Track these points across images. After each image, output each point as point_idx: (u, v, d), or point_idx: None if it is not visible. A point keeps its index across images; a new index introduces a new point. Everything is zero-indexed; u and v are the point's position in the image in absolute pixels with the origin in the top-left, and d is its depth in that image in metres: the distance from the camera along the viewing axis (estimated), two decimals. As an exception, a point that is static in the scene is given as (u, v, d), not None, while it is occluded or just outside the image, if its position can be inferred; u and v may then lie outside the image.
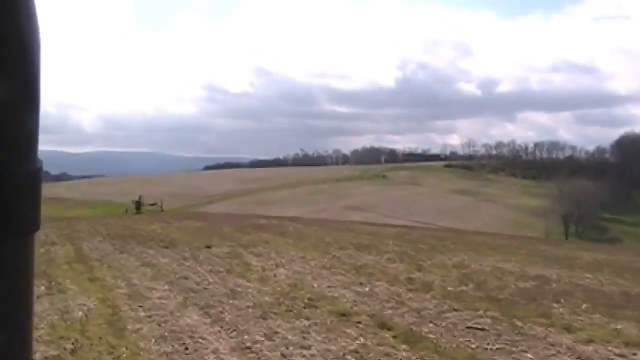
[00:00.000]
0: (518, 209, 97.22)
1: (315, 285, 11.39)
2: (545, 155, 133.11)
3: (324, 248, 17.04)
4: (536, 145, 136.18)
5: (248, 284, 11.38)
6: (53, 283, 11.75)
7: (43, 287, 11.48)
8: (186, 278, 11.96)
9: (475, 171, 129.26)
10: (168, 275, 12.41)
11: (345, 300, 10.12)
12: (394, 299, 10.23)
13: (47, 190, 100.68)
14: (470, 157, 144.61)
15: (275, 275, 12.37)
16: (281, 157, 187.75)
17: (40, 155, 0.66)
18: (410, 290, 11.09)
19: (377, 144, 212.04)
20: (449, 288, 11.35)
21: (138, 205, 52.87)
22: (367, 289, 11.11)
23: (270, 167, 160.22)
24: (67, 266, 14.08)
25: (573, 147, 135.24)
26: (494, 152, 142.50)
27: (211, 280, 11.75)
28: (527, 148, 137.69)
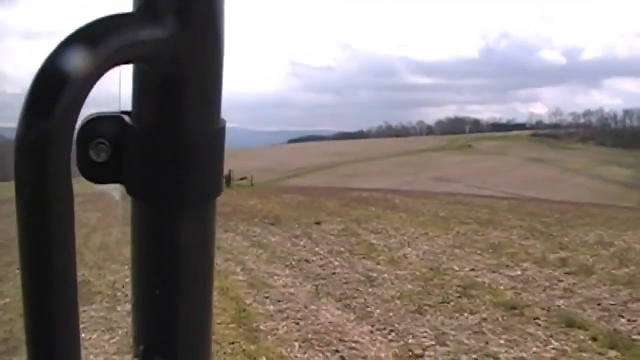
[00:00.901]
0: (608, 180, 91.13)
1: (457, 268, 9.63)
2: (636, 123, 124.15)
3: (444, 224, 15.22)
4: (626, 113, 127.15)
5: (380, 267, 9.77)
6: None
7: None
8: (307, 261, 10.47)
9: (563, 140, 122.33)
10: (286, 257, 10.97)
11: (502, 287, 8.33)
12: (557, 285, 8.34)
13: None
14: (557, 127, 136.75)
15: (406, 257, 10.70)
16: (364, 130, 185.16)
17: None
18: (567, 274, 9.14)
19: (460, 115, 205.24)
20: (613, 271, 9.30)
21: (228, 179, 52.48)
22: (518, 272, 9.27)
23: (354, 139, 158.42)
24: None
25: None
26: (582, 120, 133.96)
27: (336, 263, 10.22)
28: (616, 116, 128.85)
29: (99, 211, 18.51)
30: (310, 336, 6.21)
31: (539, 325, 6.72)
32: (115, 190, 0.59)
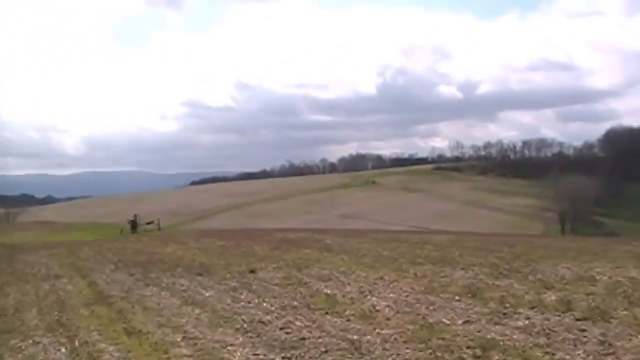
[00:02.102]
0: (512, 209, 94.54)
1: (447, 321, 8.01)
2: (533, 153, 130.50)
3: (393, 265, 13.72)
4: (524, 143, 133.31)
5: (355, 325, 8.00)
6: (76, 341, 8.29)
7: (64, 349, 8.02)
8: (262, 322, 8.54)
9: (465, 173, 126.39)
10: (232, 318, 8.98)
11: (523, 344, 6.66)
12: (585, 337, 6.85)
13: (34, 214, 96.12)
14: (457, 159, 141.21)
15: (376, 309, 8.99)
16: (268, 168, 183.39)
17: (24, 180, 0.42)
18: (582, 320, 7.59)
19: (361, 151, 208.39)
20: (621, 312, 7.93)
21: (134, 224, 48.98)
22: (525, 322, 7.68)
23: (258, 179, 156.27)
24: (87, 310, 10.60)
25: (561, 144, 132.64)
26: (482, 152, 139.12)
27: (298, 322, 8.35)
28: (515, 147, 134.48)
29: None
30: None
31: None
32: None
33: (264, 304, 9.94)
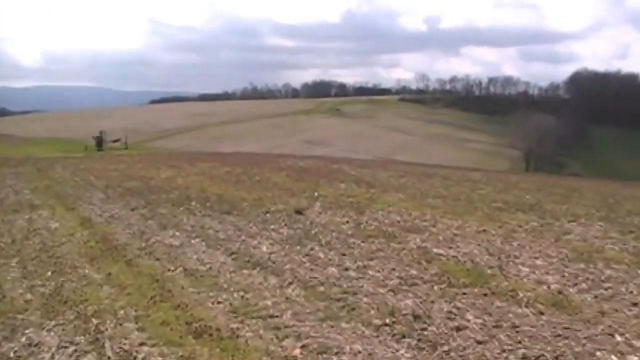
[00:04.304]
0: (476, 146, 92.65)
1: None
2: (499, 90, 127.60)
3: (477, 211, 10.48)
4: (490, 80, 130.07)
5: (576, 328, 4.68)
6: (106, 344, 4.71)
7: (83, 339, 4.48)
8: (355, 294, 5.25)
9: (429, 105, 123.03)
10: (339, 298, 5.63)
11: None
12: None
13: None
14: (422, 92, 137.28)
15: (561, 294, 5.71)
16: (229, 91, 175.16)
17: None
18: None
19: (323, 78, 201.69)
20: None
21: (99, 141, 44.15)
22: None
23: (219, 100, 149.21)
24: (97, 271, 6.93)
25: (527, 83, 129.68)
26: (447, 87, 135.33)
27: (471, 317, 4.98)
28: (481, 83, 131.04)
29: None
30: None
31: None
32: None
33: (370, 273, 6.49)
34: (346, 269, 6.66)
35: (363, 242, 7.98)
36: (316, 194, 12.26)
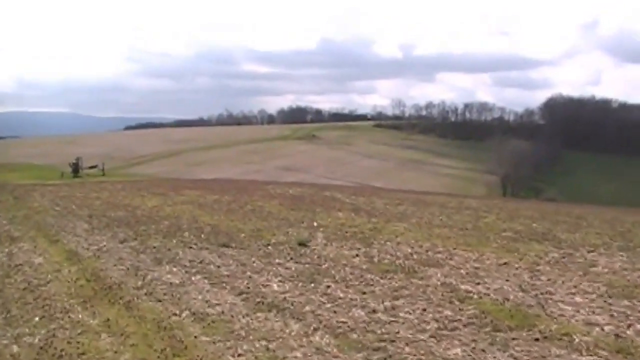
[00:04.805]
0: (452, 172, 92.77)
1: None
2: (474, 116, 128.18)
3: (490, 242, 9.90)
4: (466, 106, 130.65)
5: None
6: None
7: None
8: (392, 341, 4.57)
9: (405, 131, 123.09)
10: (360, 337, 4.85)
11: None
12: None
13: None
14: (398, 118, 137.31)
15: (621, 337, 5.08)
16: (205, 117, 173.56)
17: None
18: None
19: (299, 104, 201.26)
20: None
21: (76, 167, 42.67)
22: None
23: (194, 127, 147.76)
24: (93, 316, 6.08)
25: (502, 109, 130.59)
26: (423, 112, 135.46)
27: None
28: (457, 109, 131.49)
29: None
30: None
31: None
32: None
33: (400, 315, 5.79)
34: (373, 311, 5.95)
35: (381, 278, 7.29)
36: (315, 223, 11.56)
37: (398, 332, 5.29)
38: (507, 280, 7.19)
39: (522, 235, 10.37)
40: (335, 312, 5.95)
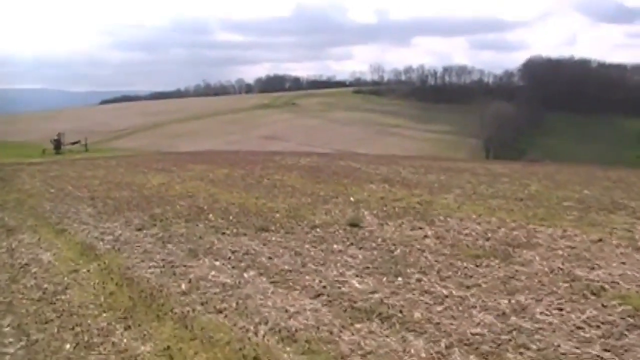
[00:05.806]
0: (434, 136, 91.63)
1: None
2: (454, 79, 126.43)
3: (548, 211, 8.65)
4: (445, 69, 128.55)
5: None
6: None
7: None
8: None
9: (385, 97, 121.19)
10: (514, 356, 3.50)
11: None
12: None
13: None
14: (376, 83, 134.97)
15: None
16: (182, 88, 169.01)
17: None
18: None
19: (276, 72, 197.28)
20: None
21: (58, 144, 40.41)
22: None
23: (172, 98, 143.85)
24: (131, 331, 4.60)
25: (481, 71, 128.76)
26: (402, 77, 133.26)
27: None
28: (435, 73, 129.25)
29: None
30: None
31: None
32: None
33: (539, 318, 4.46)
34: (503, 313, 4.60)
35: (476, 265, 5.94)
36: (352, 199, 10.14)
37: (559, 346, 3.97)
38: (622, 263, 5.91)
39: (589, 206, 9.11)
40: (454, 317, 4.59)
